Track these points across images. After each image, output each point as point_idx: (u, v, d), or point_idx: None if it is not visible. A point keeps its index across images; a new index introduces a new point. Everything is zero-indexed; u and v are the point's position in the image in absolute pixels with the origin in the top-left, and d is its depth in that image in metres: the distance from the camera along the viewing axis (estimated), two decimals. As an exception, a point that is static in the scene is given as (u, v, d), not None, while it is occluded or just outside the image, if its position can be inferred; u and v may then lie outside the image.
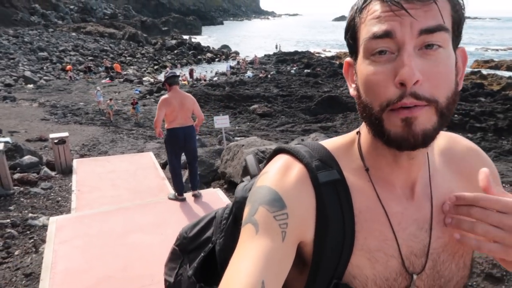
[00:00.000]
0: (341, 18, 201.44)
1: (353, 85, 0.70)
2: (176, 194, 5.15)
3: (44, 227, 4.56)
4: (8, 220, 4.64)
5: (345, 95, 19.22)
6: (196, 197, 5.18)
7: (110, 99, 16.21)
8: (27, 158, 7.22)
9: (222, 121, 8.67)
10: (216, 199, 5.19)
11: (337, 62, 39.10)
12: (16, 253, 3.80)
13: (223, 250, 0.87)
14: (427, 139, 0.62)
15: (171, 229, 4.08)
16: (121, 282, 3.06)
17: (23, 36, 39.86)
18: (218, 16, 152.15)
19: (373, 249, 0.69)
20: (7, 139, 10.95)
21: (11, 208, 5.22)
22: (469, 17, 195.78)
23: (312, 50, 50.34)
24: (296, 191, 0.69)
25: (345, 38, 0.69)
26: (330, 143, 0.78)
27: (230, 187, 5.84)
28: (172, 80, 4.82)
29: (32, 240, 4.12)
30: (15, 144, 7.83)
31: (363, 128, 0.73)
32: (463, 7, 0.63)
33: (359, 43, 0.65)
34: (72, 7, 67.11)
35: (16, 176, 6.45)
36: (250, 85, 23.75)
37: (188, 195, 5.24)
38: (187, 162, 5.13)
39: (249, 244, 0.65)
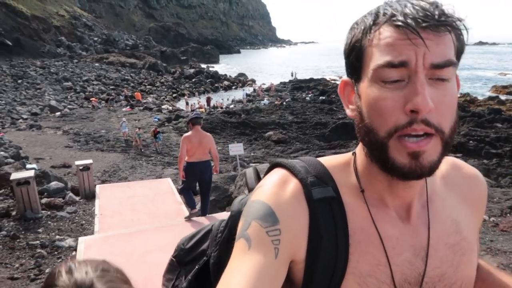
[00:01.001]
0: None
1: (352, 106, 0.69)
2: (190, 210, 5.59)
3: (70, 248, 4.91)
4: (38, 242, 5.02)
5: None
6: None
7: (139, 128, 16.76)
8: (54, 184, 7.68)
9: (236, 149, 9.05)
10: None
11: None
12: (47, 270, 4.16)
13: (217, 263, 0.86)
14: (433, 170, 0.62)
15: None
16: (141, 297, 3.38)
17: (49, 67, 41.82)
18: (235, 45, 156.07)
19: (364, 273, 0.66)
20: (34, 165, 11.59)
21: (40, 230, 5.61)
22: (487, 43, 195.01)
23: (327, 77, 51.06)
24: (290, 207, 0.68)
25: (347, 58, 0.68)
26: (328, 161, 0.77)
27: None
28: (195, 121, 5.52)
29: (60, 260, 4.48)
30: (43, 171, 8.32)
31: (359, 150, 0.73)
32: (466, 37, 0.64)
33: (366, 66, 0.64)
34: (96, 39, 70.20)
35: (44, 200, 6.88)
36: (266, 112, 24.27)
37: (201, 218, 5.57)
38: (200, 192, 5.66)
39: (241, 260, 0.64)
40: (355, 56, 0.66)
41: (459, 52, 0.63)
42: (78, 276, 0.73)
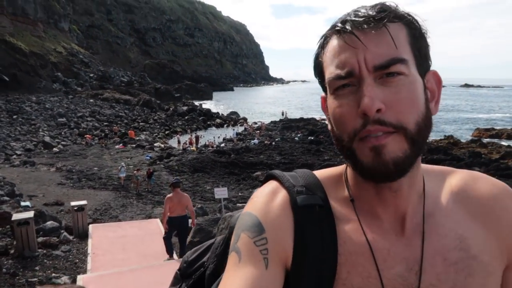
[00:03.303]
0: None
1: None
2: (169, 256, 6.83)
3: (65, 285, 5.43)
4: (36, 279, 5.53)
5: (344, 163, 20.28)
6: None
7: (138, 170, 17.18)
8: (50, 224, 8.21)
9: (221, 192, 9.70)
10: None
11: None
12: (46, 305, 4.67)
13: (212, 274, 0.87)
14: (399, 167, 0.60)
15: (172, 288, 4.96)
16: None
17: (44, 103, 42.60)
18: (229, 82, 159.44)
19: (355, 286, 0.65)
20: (27, 203, 12.05)
21: (37, 268, 6.11)
22: (472, 85, 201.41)
23: (317, 117, 52.57)
24: (276, 215, 0.68)
25: (314, 75, 0.70)
26: (322, 173, 0.78)
27: (225, 252, 6.76)
28: (175, 185, 7.00)
29: (57, 296, 5.00)
30: (39, 211, 8.84)
31: None
32: (424, 31, 0.63)
33: (325, 81, 0.66)
34: (92, 75, 71.64)
35: (40, 239, 7.38)
36: (255, 152, 25.06)
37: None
38: (178, 238, 6.96)
39: (233, 273, 0.65)
40: (317, 72, 0.69)
41: (417, 47, 0.63)
42: None
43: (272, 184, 0.75)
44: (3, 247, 6.73)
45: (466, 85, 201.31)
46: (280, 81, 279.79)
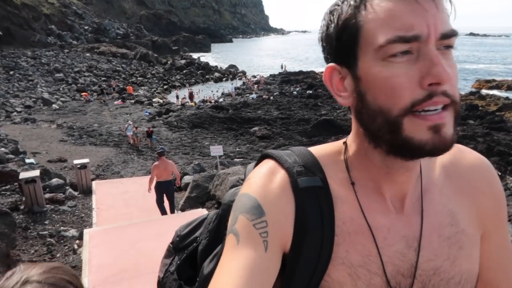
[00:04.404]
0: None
1: (344, 94, 0.65)
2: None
3: (73, 237, 5.95)
4: (46, 232, 6.04)
5: (340, 118, 20.58)
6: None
7: (136, 127, 17.43)
8: (55, 181, 8.66)
9: (216, 150, 10.10)
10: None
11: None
12: (58, 255, 5.20)
13: (204, 250, 0.87)
14: (453, 143, 0.59)
15: (170, 238, 5.51)
16: (133, 272, 4.60)
17: (40, 58, 42.10)
18: (228, 33, 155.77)
19: (355, 264, 0.66)
20: (32, 160, 12.51)
21: (46, 222, 6.62)
22: (478, 34, 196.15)
23: (317, 69, 52.03)
24: (276, 197, 0.67)
25: (337, 40, 0.63)
26: (318, 150, 0.75)
27: (219, 207, 7.30)
28: (161, 153, 7.71)
29: (66, 247, 5.52)
30: (44, 169, 9.27)
31: (352, 139, 0.71)
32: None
33: (367, 45, 0.59)
34: (86, 27, 69.95)
35: (47, 196, 7.86)
36: (253, 107, 25.27)
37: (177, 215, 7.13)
38: (167, 199, 7.63)
39: (231, 255, 0.64)
40: (349, 35, 0.61)
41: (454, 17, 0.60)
42: (8, 284, 0.74)
43: (269, 164, 0.72)
44: (14, 203, 7.21)
45: (472, 34, 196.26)
46: (280, 31, 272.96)
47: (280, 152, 0.74)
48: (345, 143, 0.74)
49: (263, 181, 0.70)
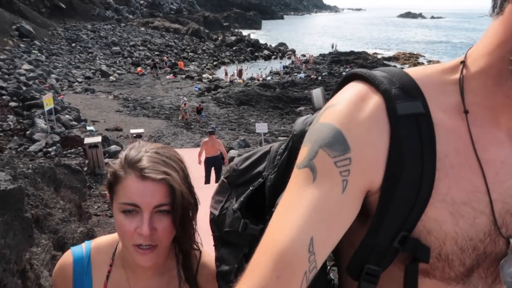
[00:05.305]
0: (407, 14, 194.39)
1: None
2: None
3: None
4: (106, 192, 6.75)
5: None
6: None
7: (185, 104, 18.23)
8: (113, 147, 9.45)
9: (261, 127, 10.48)
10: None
11: (393, 64, 39.42)
12: (117, 213, 5.89)
13: (274, 186, 0.80)
14: None
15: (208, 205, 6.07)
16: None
17: (99, 31, 44.21)
18: (279, 10, 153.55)
19: (458, 201, 0.58)
20: (92, 128, 13.57)
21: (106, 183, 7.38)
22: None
23: (370, 50, 50.44)
24: (366, 129, 0.59)
25: None
26: (417, 71, 0.65)
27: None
28: (211, 132, 8.62)
29: (124, 206, 6.22)
30: (104, 136, 10.10)
31: (482, 53, 0.60)
32: None
33: None
34: (142, 2, 72.03)
35: (106, 160, 8.64)
36: (300, 86, 25.28)
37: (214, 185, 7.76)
38: (215, 172, 8.50)
39: (303, 192, 0.58)
40: None
41: None
42: (132, 153, 0.91)
43: (358, 87, 0.63)
44: (79, 165, 8.03)
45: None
46: (333, 9, 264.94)
47: (372, 71, 0.64)
48: (463, 62, 0.64)
49: (351, 108, 0.60)
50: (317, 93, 0.84)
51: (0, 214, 1.88)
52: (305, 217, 0.56)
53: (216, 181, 8.19)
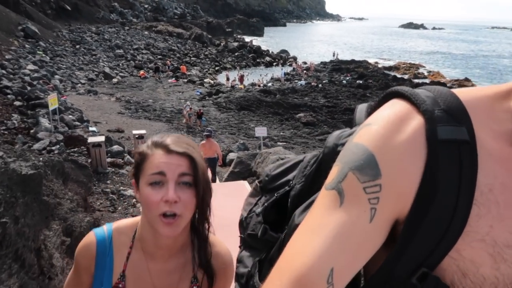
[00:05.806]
0: (409, 25, 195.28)
1: None
2: None
3: (131, 196, 6.83)
4: (109, 190, 6.97)
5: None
6: None
7: (190, 108, 18.55)
8: (116, 147, 9.68)
9: (261, 131, 10.74)
10: (242, 188, 7.34)
11: (393, 74, 39.75)
12: (119, 208, 6.08)
13: (298, 195, 0.79)
14: None
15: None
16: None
17: (103, 33, 44.56)
18: (282, 17, 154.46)
19: (501, 243, 0.52)
20: (94, 128, 13.82)
21: (108, 182, 7.58)
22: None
23: (371, 59, 50.84)
24: (401, 154, 0.54)
25: None
26: (467, 93, 0.58)
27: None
28: (208, 135, 9.30)
29: (126, 203, 6.41)
30: (107, 136, 10.34)
31: None
32: None
33: None
34: (146, 6, 72.66)
35: (109, 160, 8.87)
36: (300, 93, 25.58)
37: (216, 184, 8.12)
38: (211, 172, 8.57)
39: (328, 216, 0.55)
40: None
41: None
42: (157, 137, 1.03)
43: (398, 106, 0.58)
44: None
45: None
46: (336, 17, 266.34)
47: (415, 90, 0.59)
48: None
49: (387, 129, 0.56)
50: (361, 107, 0.78)
51: (21, 196, 2.11)
52: (328, 244, 0.53)
53: (212, 180, 8.41)
